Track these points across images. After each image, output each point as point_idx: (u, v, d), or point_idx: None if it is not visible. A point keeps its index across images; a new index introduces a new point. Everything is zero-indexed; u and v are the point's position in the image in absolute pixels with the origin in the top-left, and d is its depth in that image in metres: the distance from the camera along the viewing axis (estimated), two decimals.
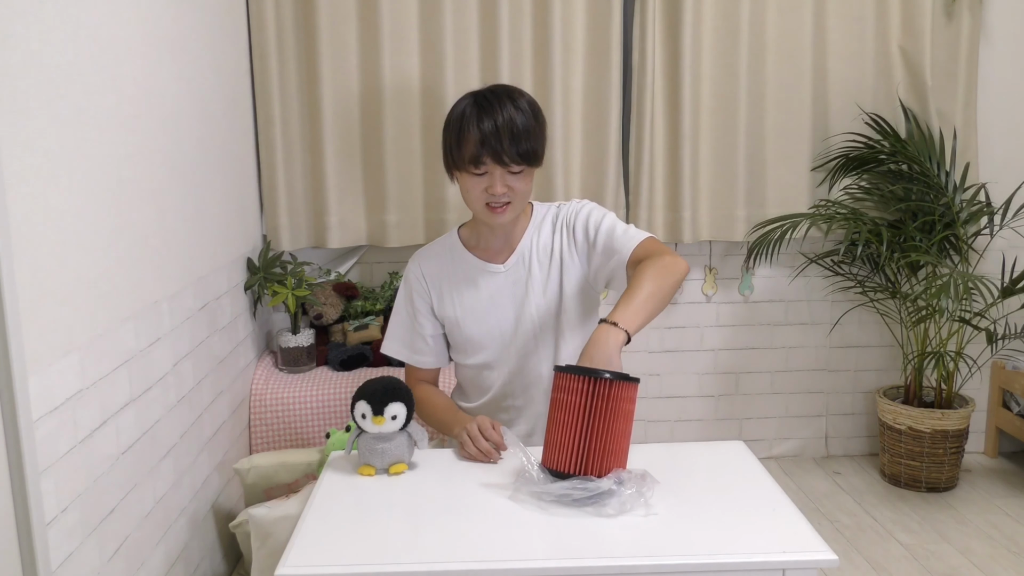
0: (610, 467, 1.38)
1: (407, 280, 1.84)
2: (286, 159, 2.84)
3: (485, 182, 1.66)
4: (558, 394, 1.41)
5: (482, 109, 1.64)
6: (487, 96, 1.67)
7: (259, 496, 2.25)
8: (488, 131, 1.61)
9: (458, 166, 1.68)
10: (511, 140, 1.62)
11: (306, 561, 1.22)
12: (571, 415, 1.38)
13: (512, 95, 1.67)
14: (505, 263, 1.79)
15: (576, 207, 1.80)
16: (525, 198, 1.71)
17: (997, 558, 2.55)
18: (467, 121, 1.64)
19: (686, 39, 2.90)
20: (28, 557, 1.32)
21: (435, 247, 1.86)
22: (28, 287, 1.32)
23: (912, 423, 2.96)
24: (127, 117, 1.72)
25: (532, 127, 1.65)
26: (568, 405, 1.38)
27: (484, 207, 1.69)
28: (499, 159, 1.63)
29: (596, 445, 1.37)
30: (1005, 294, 2.88)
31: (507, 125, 1.62)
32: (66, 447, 1.43)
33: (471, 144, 1.63)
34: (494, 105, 1.64)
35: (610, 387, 1.37)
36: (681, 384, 3.25)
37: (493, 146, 1.61)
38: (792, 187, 3.07)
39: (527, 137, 1.64)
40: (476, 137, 1.62)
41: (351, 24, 2.80)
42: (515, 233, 1.80)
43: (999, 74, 3.11)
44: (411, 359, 1.86)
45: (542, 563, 1.22)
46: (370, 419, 1.49)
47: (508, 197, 1.67)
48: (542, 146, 1.69)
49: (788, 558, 1.23)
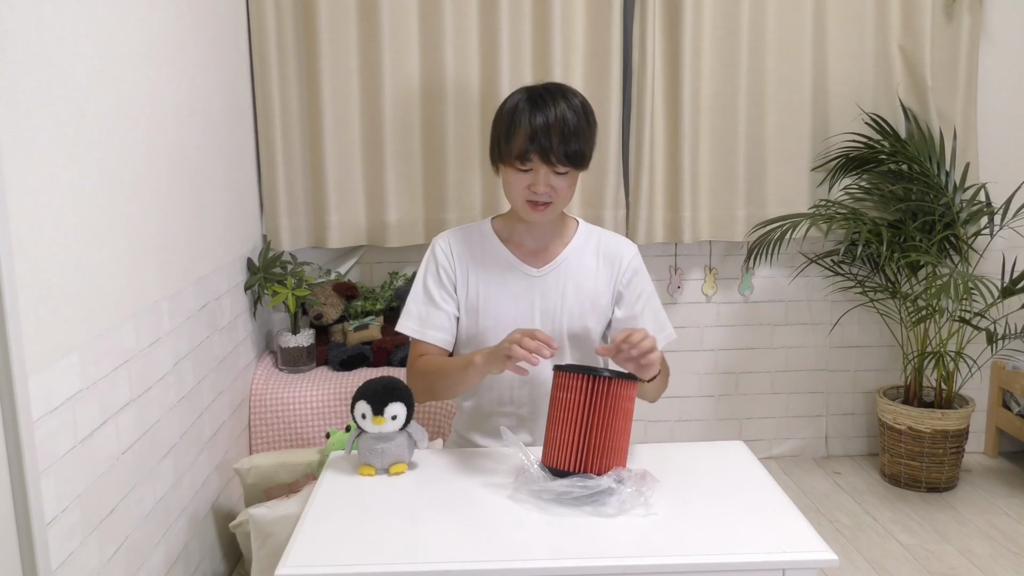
0: (610, 465, 1.38)
1: (432, 255, 1.78)
2: (286, 159, 2.84)
3: (529, 179, 1.64)
4: (558, 392, 1.42)
5: (535, 105, 1.62)
6: (542, 93, 1.65)
7: (259, 496, 2.25)
8: (539, 127, 1.60)
9: (504, 159, 1.67)
10: (561, 139, 1.60)
11: (306, 561, 1.22)
12: (571, 413, 1.39)
13: (566, 94, 1.66)
14: (540, 269, 1.76)
15: (633, 253, 1.81)
16: (567, 200, 1.70)
17: (997, 558, 2.55)
18: (519, 115, 1.62)
19: (686, 39, 2.90)
20: (28, 557, 1.32)
21: (465, 230, 1.82)
22: (28, 287, 1.32)
23: (912, 423, 2.96)
24: (127, 117, 1.72)
25: (583, 128, 1.64)
26: (568, 403, 1.39)
27: (525, 203, 1.67)
28: (546, 158, 1.61)
29: (596, 443, 1.37)
30: (1005, 294, 2.88)
31: (559, 123, 1.60)
32: (66, 447, 1.43)
33: (520, 139, 1.62)
34: (548, 102, 1.62)
35: (610, 385, 1.37)
36: (681, 384, 3.25)
37: (542, 143, 1.60)
38: (792, 187, 3.07)
39: (576, 138, 1.62)
40: (527, 132, 1.61)
41: (351, 24, 2.80)
42: (554, 241, 1.78)
43: (999, 74, 3.11)
44: (423, 334, 1.75)
45: (542, 563, 1.22)
46: (370, 419, 1.49)
47: (550, 197, 1.66)
48: (591, 149, 1.67)
49: (788, 558, 1.23)
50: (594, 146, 1.70)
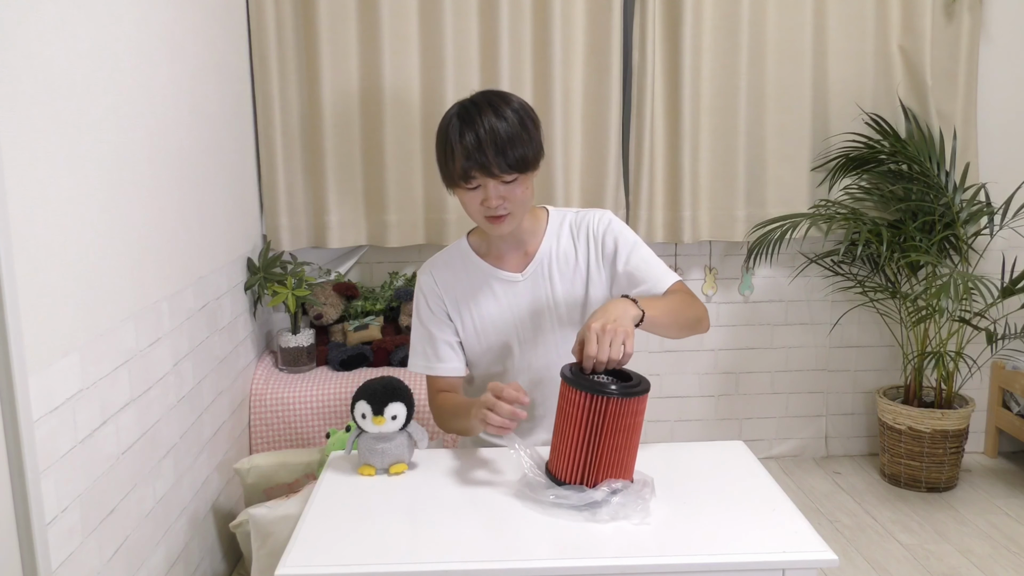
0: (611, 479, 1.36)
1: (420, 291, 1.78)
2: (286, 159, 2.84)
3: (480, 195, 1.61)
4: (563, 403, 1.38)
5: (464, 122, 1.59)
6: (468, 108, 1.62)
7: (259, 496, 2.25)
8: (471, 145, 1.56)
9: (450, 183, 1.65)
10: (496, 151, 1.56)
11: (306, 561, 1.22)
12: (574, 427, 1.35)
13: (494, 103, 1.61)
14: (524, 271, 1.75)
15: (603, 218, 1.76)
16: (526, 204, 1.67)
17: (997, 558, 2.55)
18: (451, 135, 1.60)
19: (686, 39, 2.90)
20: (28, 557, 1.32)
21: (445, 256, 1.80)
22: (28, 287, 1.32)
23: (912, 423, 2.96)
24: (127, 117, 1.72)
25: (518, 133, 1.59)
26: (571, 417, 1.35)
27: (484, 220, 1.65)
28: (488, 171, 1.58)
29: (598, 460, 1.34)
30: (1005, 294, 2.88)
31: (489, 136, 1.56)
32: (66, 447, 1.43)
33: (458, 160, 1.59)
34: (475, 117, 1.59)
35: (613, 405, 1.32)
36: (681, 384, 3.25)
37: (479, 160, 1.57)
38: (792, 187, 3.07)
39: (513, 145, 1.58)
40: (461, 152, 1.58)
41: (351, 24, 2.80)
42: (530, 240, 1.76)
43: (999, 74, 3.11)
44: (435, 369, 1.75)
45: (542, 563, 1.22)
46: (370, 419, 1.49)
47: (506, 208, 1.62)
48: (534, 150, 1.63)
49: (788, 558, 1.23)
50: (540, 145, 1.65)
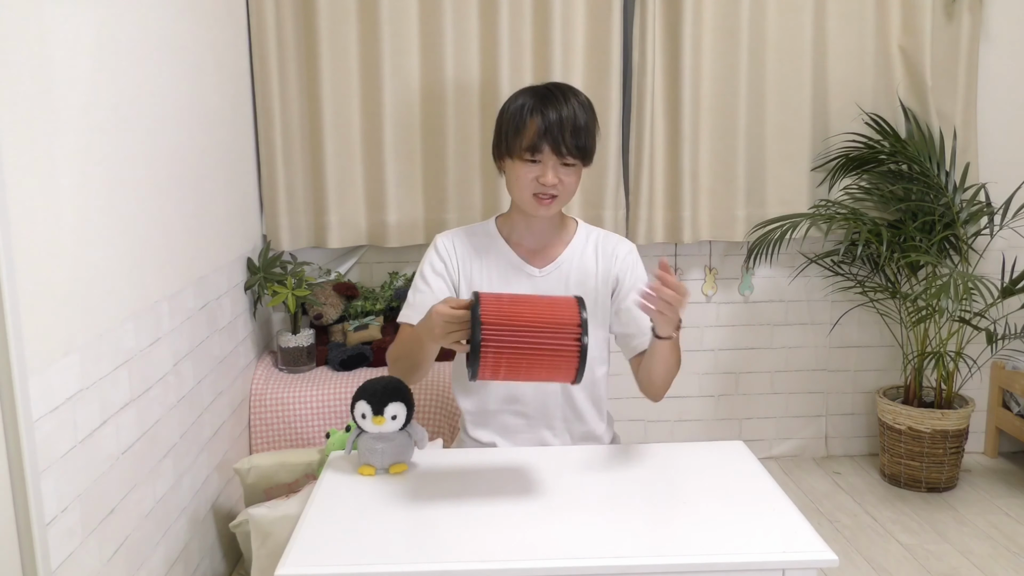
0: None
1: (435, 250, 1.80)
2: (286, 159, 2.84)
3: (537, 171, 1.68)
4: (553, 298, 1.37)
5: (545, 101, 1.67)
6: (550, 90, 1.70)
7: (259, 496, 2.25)
8: (552, 121, 1.65)
9: (512, 153, 1.70)
10: (572, 132, 1.65)
11: (306, 561, 1.22)
12: (538, 316, 1.32)
13: (574, 91, 1.72)
14: (543, 269, 1.79)
15: (632, 251, 1.84)
16: (570, 195, 1.73)
17: (997, 558, 2.55)
18: (529, 111, 1.67)
19: (686, 39, 2.90)
20: (28, 557, 1.32)
21: (468, 230, 1.85)
22: (28, 287, 1.32)
23: (912, 423, 2.96)
24: (127, 117, 1.72)
25: (590, 124, 1.70)
26: (548, 314, 1.33)
27: (531, 197, 1.70)
28: (557, 149, 1.65)
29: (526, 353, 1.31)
30: (1005, 294, 2.88)
31: (570, 118, 1.66)
32: (66, 447, 1.43)
33: (531, 132, 1.66)
34: (558, 98, 1.67)
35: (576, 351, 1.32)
36: (681, 384, 3.24)
37: (554, 135, 1.65)
38: (792, 187, 3.07)
39: (586, 133, 1.68)
40: (539, 126, 1.65)
41: (351, 24, 2.80)
42: (556, 243, 1.81)
43: (999, 74, 3.11)
44: (409, 317, 1.75)
45: (542, 563, 1.22)
46: (370, 419, 1.49)
47: (556, 190, 1.69)
48: (595, 145, 1.72)
49: (788, 558, 1.23)
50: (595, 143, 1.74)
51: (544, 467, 1.54)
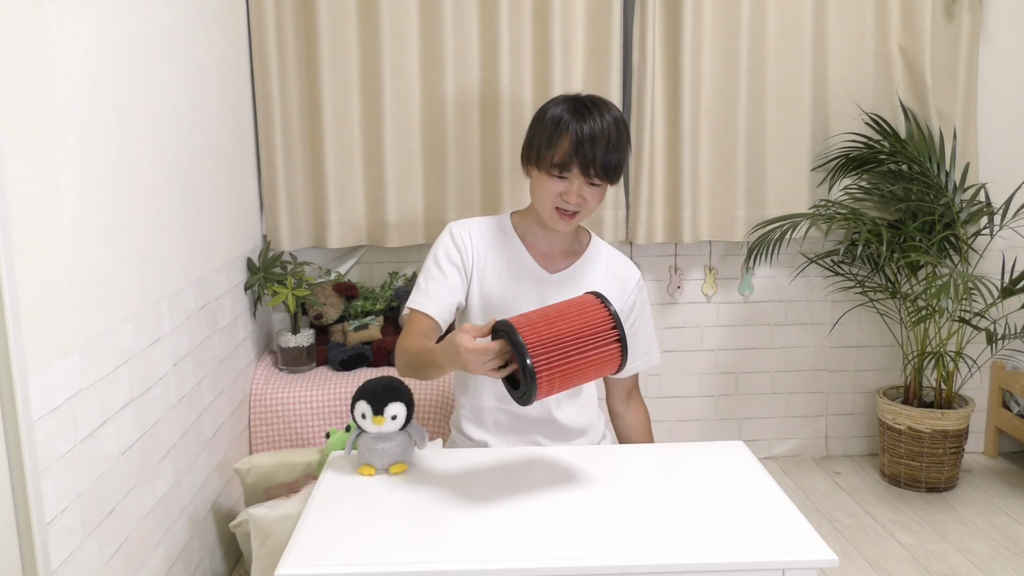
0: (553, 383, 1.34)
1: (449, 237, 1.77)
2: (286, 159, 2.84)
3: (563, 187, 1.66)
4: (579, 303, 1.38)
5: (580, 115, 1.64)
6: (586, 104, 1.67)
7: (259, 496, 2.25)
8: (586, 136, 1.62)
9: (541, 165, 1.68)
10: (604, 151, 1.62)
11: (306, 561, 1.22)
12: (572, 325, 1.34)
13: (609, 107, 1.68)
14: (553, 274, 1.78)
15: (638, 278, 1.86)
16: (592, 212, 1.72)
17: (997, 558, 2.55)
18: (565, 124, 1.64)
19: (686, 39, 2.90)
20: (28, 557, 1.32)
21: (485, 222, 1.82)
22: (28, 287, 1.32)
23: (912, 423, 2.96)
24: (127, 117, 1.72)
25: (622, 142, 1.67)
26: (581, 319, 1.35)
27: (552, 210, 1.69)
28: (586, 169, 1.63)
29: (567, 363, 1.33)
30: (1005, 294, 2.88)
31: (604, 135, 1.62)
32: (66, 447, 1.43)
33: (564, 147, 1.63)
34: (593, 113, 1.64)
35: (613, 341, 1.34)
36: (681, 384, 3.25)
37: (586, 154, 1.62)
38: (792, 187, 3.07)
39: (616, 151, 1.64)
40: (572, 141, 1.63)
41: (351, 24, 2.80)
42: (566, 248, 1.80)
43: (999, 74, 3.11)
44: (421, 304, 1.72)
45: (542, 563, 1.22)
46: (370, 419, 1.49)
47: (579, 207, 1.68)
48: (624, 165, 1.69)
49: (788, 558, 1.23)
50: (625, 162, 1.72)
51: (544, 467, 1.55)
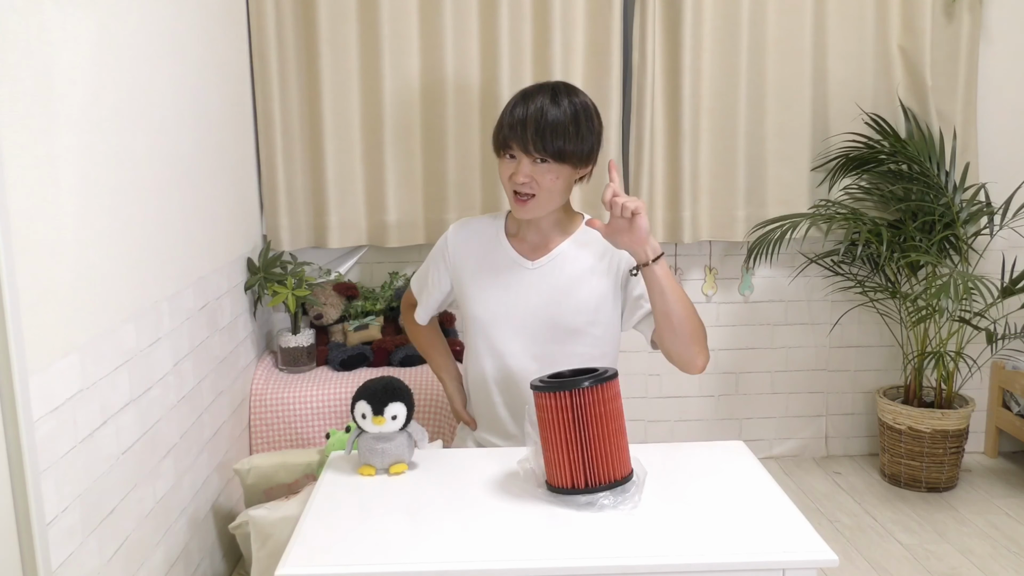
0: (614, 468, 1.36)
1: (445, 241, 1.89)
2: (286, 159, 2.84)
3: (512, 167, 1.69)
4: (543, 413, 1.37)
5: (523, 98, 1.70)
6: (541, 87, 1.72)
7: (259, 496, 2.25)
8: (518, 118, 1.66)
9: (494, 148, 1.74)
10: (536, 131, 1.64)
11: (306, 561, 1.22)
12: (562, 432, 1.34)
13: (556, 91, 1.69)
14: (535, 261, 1.79)
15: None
16: (552, 196, 1.70)
17: (997, 558, 2.55)
18: (512, 103, 1.71)
19: (686, 39, 2.90)
20: (28, 557, 1.32)
21: (479, 222, 1.89)
22: (28, 287, 1.32)
23: (912, 423, 2.96)
24: (127, 117, 1.72)
25: (565, 125, 1.65)
26: (556, 423, 1.35)
27: (512, 196, 1.73)
28: (524, 147, 1.66)
29: (595, 454, 1.34)
30: (1005, 294, 2.88)
31: (535, 115, 1.65)
32: (66, 447, 1.43)
33: (503, 128, 1.69)
34: (532, 97, 1.68)
35: (591, 393, 1.33)
36: (681, 384, 3.25)
37: (520, 132, 1.66)
38: (792, 187, 3.07)
39: (555, 132, 1.64)
40: (507, 122, 1.68)
41: (351, 24, 2.80)
42: (553, 234, 1.80)
43: (999, 74, 3.11)
44: (417, 293, 2.00)
45: (542, 563, 1.22)
46: (370, 419, 1.49)
47: (532, 189, 1.68)
48: (579, 148, 1.68)
49: (788, 558, 1.23)
50: (591, 148, 1.71)
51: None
